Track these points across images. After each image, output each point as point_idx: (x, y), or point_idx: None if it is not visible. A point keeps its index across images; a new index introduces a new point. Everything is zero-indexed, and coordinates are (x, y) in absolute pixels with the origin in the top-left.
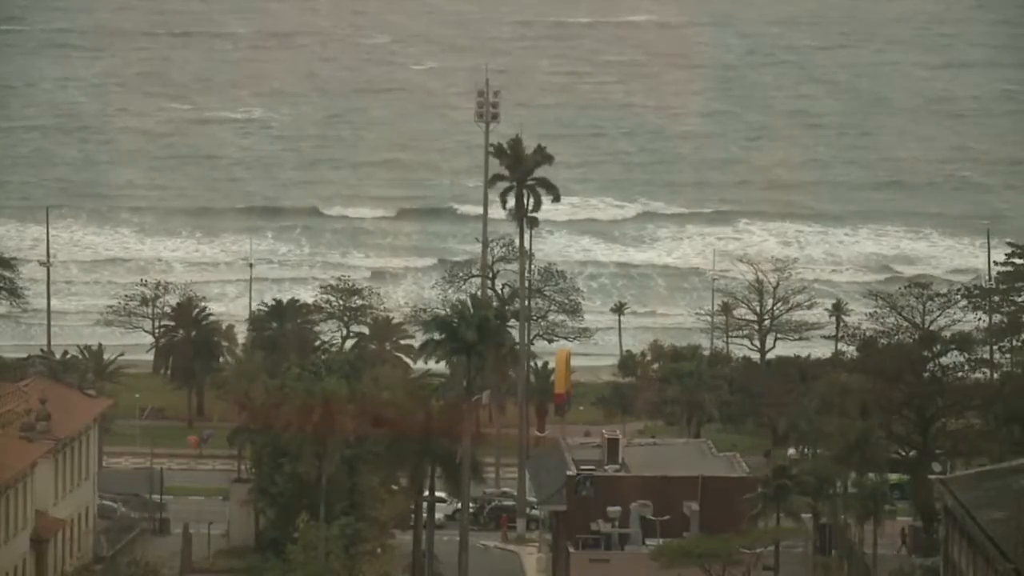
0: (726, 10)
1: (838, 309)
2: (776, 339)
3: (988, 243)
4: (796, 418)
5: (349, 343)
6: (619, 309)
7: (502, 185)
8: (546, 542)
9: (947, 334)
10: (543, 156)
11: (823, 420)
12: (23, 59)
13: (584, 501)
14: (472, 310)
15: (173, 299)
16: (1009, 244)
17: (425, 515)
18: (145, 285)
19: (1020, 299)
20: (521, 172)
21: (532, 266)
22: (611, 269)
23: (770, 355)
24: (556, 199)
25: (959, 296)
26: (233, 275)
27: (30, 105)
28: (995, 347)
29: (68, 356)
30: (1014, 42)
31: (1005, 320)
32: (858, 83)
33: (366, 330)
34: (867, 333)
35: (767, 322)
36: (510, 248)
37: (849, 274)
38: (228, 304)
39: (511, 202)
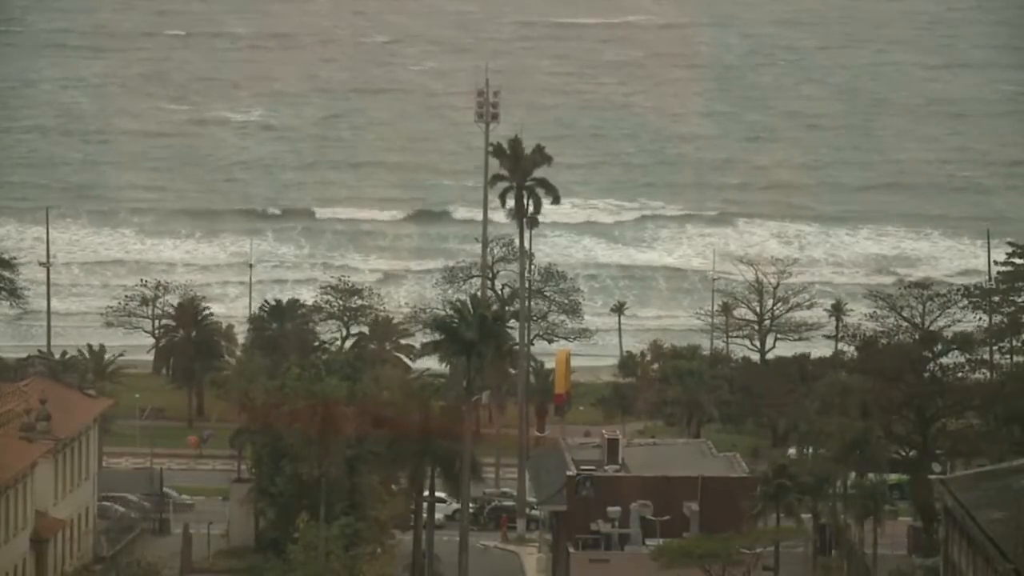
0: (727, 11)
1: (838, 309)
2: (776, 339)
3: (988, 243)
4: (796, 418)
5: (349, 343)
6: (619, 309)
7: (502, 186)
8: (546, 542)
9: (947, 334)
10: (542, 156)
11: (823, 420)
12: (23, 59)
13: (584, 501)
14: (472, 310)
15: (173, 299)
16: (1009, 244)
17: (425, 515)
18: (145, 285)
19: (1020, 299)
20: (520, 173)
21: (532, 266)
22: (612, 271)
23: (770, 355)
24: (555, 200)
25: (959, 296)
26: (233, 276)
27: (30, 106)
28: (995, 347)
29: (67, 356)
30: (1015, 43)
31: (1005, 320)
32: (858, 83)
33: (366, 330)
34: (867, 333)
35: (767, 322)
36: (510, 248)
37: (850, 275)
38: (228, 304)
39: (510, 203)
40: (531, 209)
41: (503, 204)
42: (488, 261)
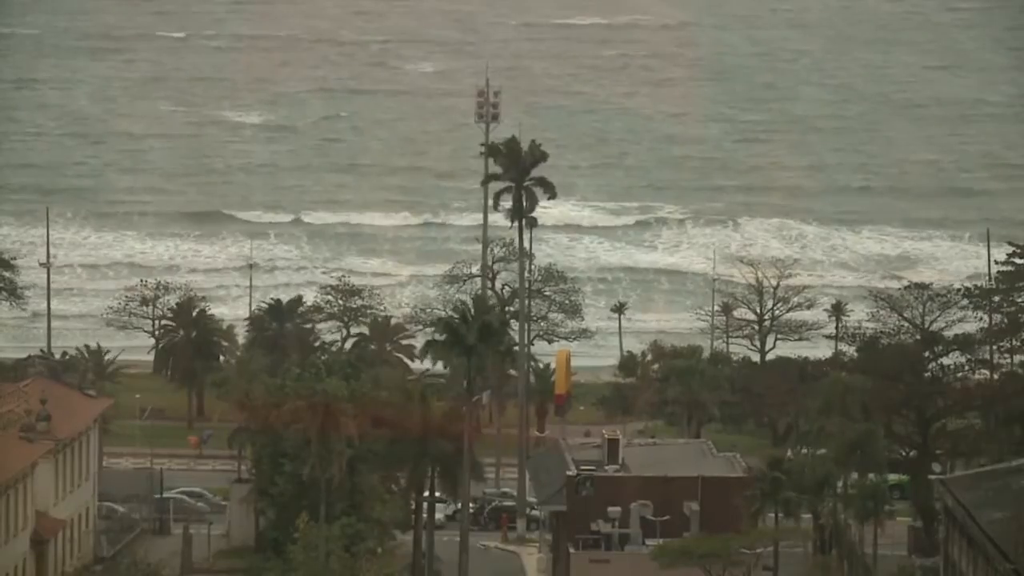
0: (728, 11)
1: (838, 309)
2: (776, 339)
3: (988, 244)
4: (797, 418)
5: (349, 343)
6: (619, 309)
7: (502, 186)
8: (546, 542)
9: (948, 335)
10: (539, 154)
11: (824, 420)
12: (23, 60)
13: (584, 501)
14: (473, 311)
15: (173, 299)
16: (1009, 244)
17: (425, 515)
18: (145, 286)
19: (1020, 299)
20: (518, 172)
21: (532, 267)
22: (615, 272)
23: (770, 355)
24: (552, 196)
25: (959, 296)
26: (235, 278)
27: (30, 107)
28: (995, 347)
29: (68, 356)
30: (1016, 44)
31: (1005, 320)
32: (862, 85)
33: (366, 330)
34: (867, 333)
35: (767, 322)
36: (510, 249)
37: (852, 276)
38: (230, 304)
39: (508, 203)
40: (528, 208)
41: (496, 206)
42: (488, 261)
